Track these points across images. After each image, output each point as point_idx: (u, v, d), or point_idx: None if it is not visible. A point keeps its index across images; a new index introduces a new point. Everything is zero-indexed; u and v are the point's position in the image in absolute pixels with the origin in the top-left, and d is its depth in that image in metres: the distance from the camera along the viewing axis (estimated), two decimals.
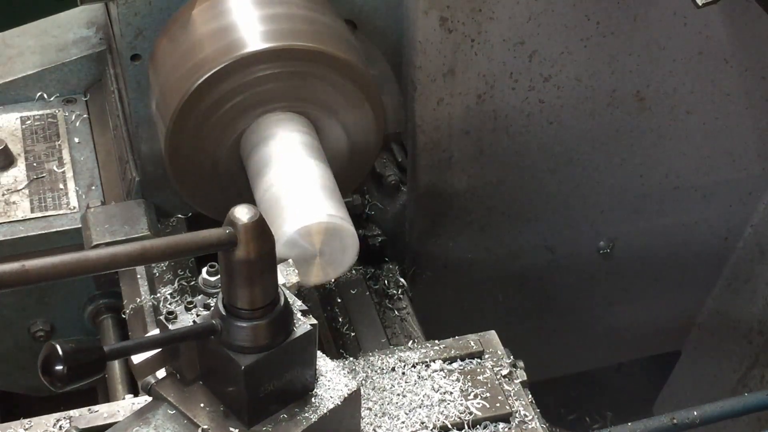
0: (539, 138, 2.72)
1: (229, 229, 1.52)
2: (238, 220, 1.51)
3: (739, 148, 2.91)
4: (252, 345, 1.58)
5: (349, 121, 2.27)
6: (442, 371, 2.01)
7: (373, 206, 2.67)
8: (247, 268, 1.53)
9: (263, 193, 2.11)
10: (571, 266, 3.08)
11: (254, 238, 1.52)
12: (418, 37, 2.47)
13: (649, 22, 2.58)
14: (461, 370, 2.01)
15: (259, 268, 1.54)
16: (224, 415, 1.64)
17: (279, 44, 2.16)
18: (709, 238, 3.13)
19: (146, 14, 2.31)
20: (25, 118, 2.66)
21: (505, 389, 1.98)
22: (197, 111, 2.16)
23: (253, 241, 1.52)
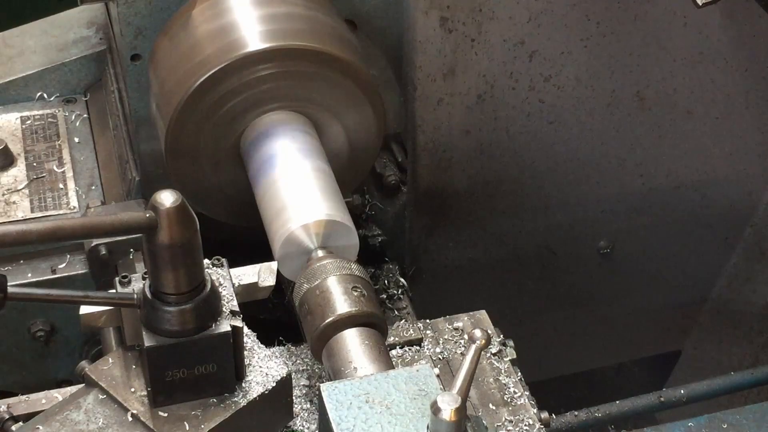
0: (539, 138, 2.72)
1: (150, 214, 1.52)
2: (160, 204, 1.52)
3: (739, 148, 2.91)
4: (161, 327, 1.60)
5: (349, 121, 2.27)
6: None
7: (373, 206, 2.67)
8: (164, 253, 1.54)
9: (264, 193, 2.11)
10: (571, 266, 3.08)
11: (175, 223, 1.52)
12: (418, 37, 2.47)
13: (649, 22, 2.58)
14: None
15: (177, 254, 1.54)
16: None
17: (279, 44, 2.15)
18: (709, 238, 3.13)
19: (146, 14, 2.31)
20: (25, 118, 2.66)
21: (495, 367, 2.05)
22: (197, 111, 2.16)
23: (174, 226, 1.52)
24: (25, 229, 1.48)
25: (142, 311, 1.62)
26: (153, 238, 1.54)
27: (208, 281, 1.63)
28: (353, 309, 1.82)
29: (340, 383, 1.63)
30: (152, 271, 1.58)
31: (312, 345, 1.85)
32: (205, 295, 1.61)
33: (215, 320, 1.63)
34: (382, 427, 1.57)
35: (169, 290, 1.59)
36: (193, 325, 1.61)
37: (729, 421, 1.87)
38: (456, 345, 2.12)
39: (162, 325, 1.60)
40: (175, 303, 1.59)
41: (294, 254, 1.98)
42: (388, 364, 1.77)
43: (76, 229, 1.53)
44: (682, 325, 3.42)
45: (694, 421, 1.88)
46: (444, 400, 1.49)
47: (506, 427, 1.95)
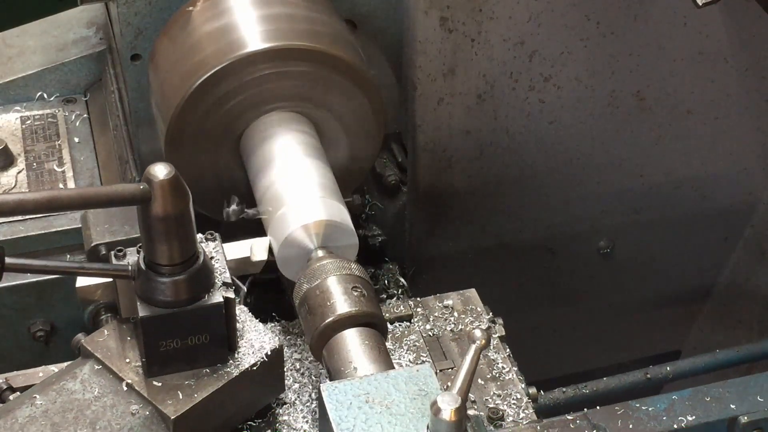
0: (539, 138, 2.72)
1: (144, 185, 1.56)
2: (154, 177, 1.56)
3: (739, 148, 2.91)
4: (156, 298, 1.64)
5: (349, 121, 2.27)
6: None
7: (373, 206, 2.67)
8: (158, 224, 1.58)
9: (264, 193, 2.11)
10: (571, 266, 3.08)
11: (169, 195, 1.57)
12: (418, 37, 2.47)
13: (649, 22, 2.58)
14: None
15: (170, 225, 1.59)
16: None
17: (279, 44, 2.16)
18: (709, 238, 3.13)
19: (146, 14, 2.31)
20: (25, 118, 2.66)
21: None
22: (197, 111, 2.16)
23: (167, 198, 1.57)
24: (23, 199, 1.52)
25: (137, 282, 1.66)
26: (147, 210, 1.58)
27: (201, 253, 1.67)
28: (353, 309, 1.82)
29: (340, 383, 1.64)
30: (146, 242, 1.62)
31: (312, 345, 1.85)
32: (198, 266, 1.65)
33: (208, 291, 1.68)
34: (382, 427, 1.57)
35: (162, 261, 1.63)
36: (186, 295, 1.65)
37: (712, 394, 1.90)
38: (446, 322, 2.15)
39: (156, 296, 1.64)
40: (168, 274, 1.63)
41: (294, 254, 1.98)
42: (388, 364, 1.77)
43: (72, 199, 1.57)
44: (682, 325, 3.42)
45: (678, 395, 1.91)
46: (444, 400, 1.49)
47: (495, 401, 1.99)
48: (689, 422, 1.86)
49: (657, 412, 1.87)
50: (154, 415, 1.69)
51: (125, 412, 1.68)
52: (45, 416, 1.68)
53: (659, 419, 1.87)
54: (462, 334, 2.13)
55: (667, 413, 1.87)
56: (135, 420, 1.68)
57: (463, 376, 1.57)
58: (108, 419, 1.68)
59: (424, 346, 2.10)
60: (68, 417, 1.68)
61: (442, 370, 2.05)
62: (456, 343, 2.11)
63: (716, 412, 1.88)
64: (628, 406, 1.88)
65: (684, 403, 1.89)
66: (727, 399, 1.89)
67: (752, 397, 1.89)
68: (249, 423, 1.85)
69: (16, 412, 1.70)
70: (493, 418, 1.95)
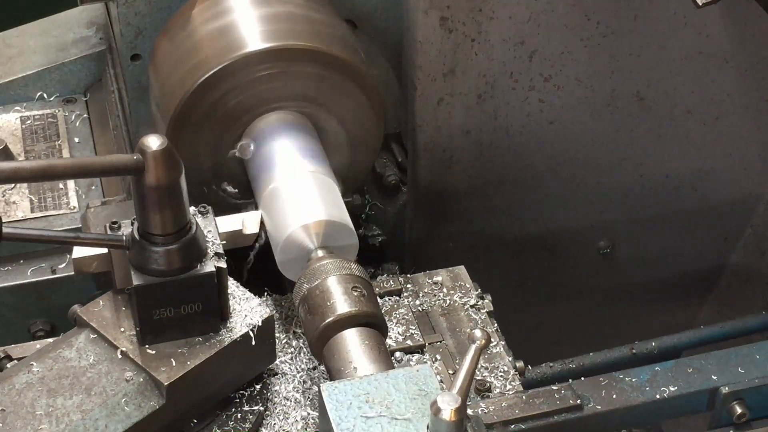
0: (539, 138, 2.72)
1: (137, 156, 1.60)
2: (147, 147, 1.60)
3: (739, 147, 2.91)
4: (147, 267, 1.68)
5: (349, 121, 2.27)
6: None
7: (373, 206, 2.67)
8: (151, 194, 1.62)
9: (264, 193, 2.11)
10: (570, 266, 3.08)
11: (161, 165, 1.60)
12: (418, 37, 2.47)
13: (649, 22, 2.58)
14: None
15: (163, 195, 1.62)
16: None
17: (279, 44, 2.16)
18: (709, 238, 3.12)
19: (146, 14, 2.31)
20: (25, 118, 2.66)
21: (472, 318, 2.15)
22: (197, 111, 2.17)
23: (160, 168, 1.60)
24: (18, 167, 1.56)
25: (131, 252, 1.69)
26: (140, 180, 1.62)
27: (193, 224, 1.70)
28: (353, 309, 1.82)
29: (340, 383, 1.64)
30: (140, 212, 1.66)
31: (312, 345, 1.85)
32: (190, 236, 1.69)
33: (200, 261, 1.72)
34: (382, 427, 1.57)
35: (156, 231, 1.67)
36: (179, 264, 1.69)
37: (694, 365, 1.95)
38: (435, 298, 2.19)
39: (150, 265, 1.68)
40: (162, 243, 1.67)
41: (294, 254, 1.98)
42: (388, 364, 1.78)
43: (67, 168, 1.62)
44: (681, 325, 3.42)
45: (661, 366, 1.95)
46: (444, 400, 1.49)
47: (482, 373, 2.02)
48: (671, 392, 1.91)
49: (640, 383, 1.92)
50: (148, 381, 1.73)
51: (120, 378, 1.73)
52: (41, 382, 1.73)
53: (642, 390, 1.91)
54: (450, 308, 2.17)
55: (650, 384, 1.92)
56: (129, 386, 1.72)
57: (463, 376, 1.57)
58: (103, 385, 1.72)
59: (413, 319, 2.13)
60: (64, 383, 1.73)
61: (431, 344, 2.09)
62: (444, 318, 2.15)
63: (698, 382, 1.92)
64: (611, 377, 1.93)
65: (666, 374, 1.94)
66: (709, 370, 1.94)
67: (733, 369, 1.94)
68: (241, 392, 1.88)
69: (13, 378, 1.75)
70: (480, 390, 1.99)
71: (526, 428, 1.86)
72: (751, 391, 1.91)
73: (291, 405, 1.91)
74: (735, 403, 1.91)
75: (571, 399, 1.88)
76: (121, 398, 1.71)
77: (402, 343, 2.08)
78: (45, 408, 1.69)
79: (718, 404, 1.91)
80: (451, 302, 2.19)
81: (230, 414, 1.84)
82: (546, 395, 1.89)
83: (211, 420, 1.83)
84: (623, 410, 1.90)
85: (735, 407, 1.91)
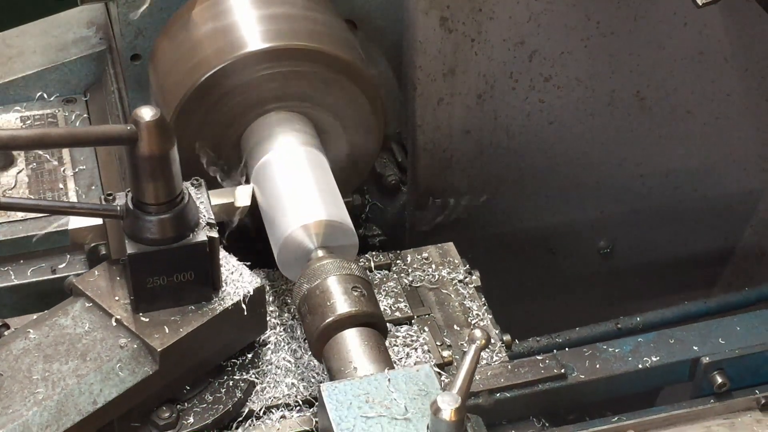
0: (539, 138, 2.72)
1: (131, 126, 1.64)
2: (140, 118, 1.64)
3: (739, 148, 2.91)
4: (141, 236, 1.72)
5: (349, 121, 2.27)
6: None
7: (373, 206, 2.67)
8: (144, 164, 1.66)
9: (264, 193, 2.11)
10: (571, 266, 3.08)
11: (154, 135, 1.64)
12: (418, 37, 2.47)
13: (649, 22, 2.58)
14: None
15: (156, 165, 1.67)
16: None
17: (279, 44, 2.16)
18: (709, 238, 3.12)
19: (146, 14, 2.31)
20: (25, 118, 2.66)
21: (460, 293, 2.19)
22: (197, 111, 2.17)
23: (153, 138, 1.64)
24: (15, 135, 1.60)
25: (125, 222, 1.73)
26: (134, 150, 1.66)
27: (186, 194, 1.75)
28: (353, 309, 1.83)
29: (340, 383, 1.64)
30: (133, 182, 1.70)
31: (312, 345, 1.85)
32: (183, 206, 1.73)
33: (193, 231, 1.76)
34: (382, 427, 1.57)
35: (149, 200, 1.71)
36: (172, 233, 1.73)
37: (676, 336, 2.01)
38: (424, 273, 2.22)
39: (143, 234, 1.72)
40: (155, 213, 1.71)
41: (294, 254, 1.98)
42: (388, 364, 1.78)
43: (62, 137, 1.66)
44: None
45: (643, 337, 2.02)
46: (444, 400, 1.49)
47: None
48: (653, 362, 1.97)
49: (623, 353, 1.99)
50: (142, 348, 1.77)
51: (114, 345, 1.77)
52: (38, 348, 1.77)
53: (625, 360, 1.98)
54: (439, 283, 2.20)
55: (633, 354, 1.99)
56: (123, 352, 1.76)
57: (463, 375, 1.57)
58: (98, 351, 1.76)
59: (402, 292, 2.16)
60: (60, 349, 1.76)
61: (419, 316, 2.12)
62: (433, 292, 2.18)
63: (679, 353, 1.98)
64: (595, 347, 2.00)
65: (648, 345, 2.00)
66: (690, 341, 2.00)
67: (714, 340, 2.00)
68: (233, 360, 1.92)
69: (10, 344, 1.79)
70: None
71: (511, 396, 1.93)
72: (732, 361, 1.96)
73: (282, 373, 1.95)
74: (716, 373, 1.96)
75: (556, 368, 1.95)
76: (116, 364, 1.75)
77: (390, 315, 2.10)
78: (41, 373, 1.73)
79: (699, 374, 1.97)
80: (439, 277, 2.22)
81: (222, 381, 1.89)
82: (531, 365, 1.95)
83: (204, 387, 1.87)
84: (606, 379, 1.96)
85: (716, 377, 1.95)
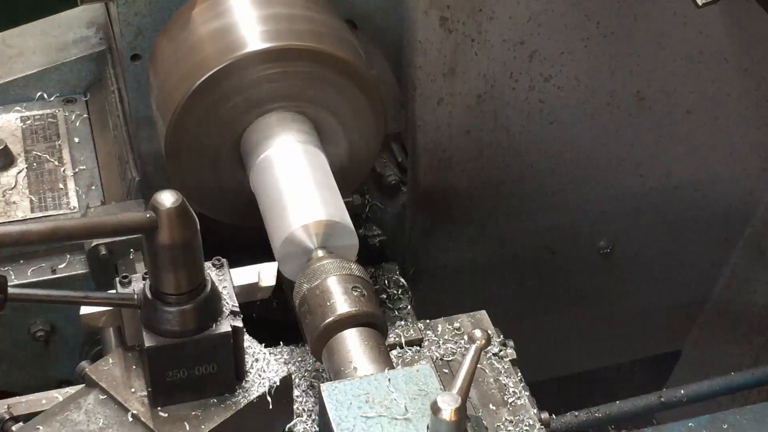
0: (539, 138, 2.72)
1: (151, 214, 1.53)
2: (160, 205, 1.53)
3: (739, 148, 2.91)
4: (162, 328, 1.60)
5: (349, 121, 2.27)
6: None
7: (373, 206, 2.67)
8: (164, 253, 1.55)
9: (264, 193, 2.11)
10: (571, 266, 3.08)
11: (176, 223, 1.53)
12: (418, 37, 2.47)
13: (649, 22, 2.58)
14: None
15: (177, 254, 1.55)
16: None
17: (279, 44, 2.16)
18: (709, 238, 3.13)
19: (146, 14, 2.31)
20: (25, 118, 2.66)
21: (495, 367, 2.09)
22: (197, 111, 2.16)
23: (174, 226, 1.53)
24: (26, 230, 1.50)
25: (143, 311, 1.62)
26: (153, 239, 1.54)
27: (208, 281, 1.63)
28: (353, 309, 1.82)
29: (340, 383, 1.64)
30: (153, 271, 1.58)
31: (312, 345, 1.85)
32: (205, 295, 1.61)
33: (216, 320, 1.63)
34: (382, 427, 1.57)
35: (169, 290, 1.59)
36: (193, 325, 1.61)
37: (729, 421, 1.88)
38: (456, 345, 2.14)
39: (162, 326, 1.60)
40: (175, 303, 1.59)
41: (294, 254, 1.98)
42: (388, 364, 1.77)
43: (76, 230, 1.54)
44: (682, 326, 3.43)
45: (695, 421, 1.89)
46: (444, 400, 1.49)
47: (506, 427, 1.97)
48: None
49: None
50: None
51: None
52: None
53: None
54: None
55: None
56: None
57: (463, 376, 1.57)
58: None
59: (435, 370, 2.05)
60: None
61: None
62: None
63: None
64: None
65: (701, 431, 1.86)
66: (745, 426, 1.86)
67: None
68: None
69: None
70: None
71: None
72: None
73: None
74: None
75: None
76: None
77: None
78: None
79: None
80: None
81: None
82: None
83: None
84: None
85: None
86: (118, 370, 1.71)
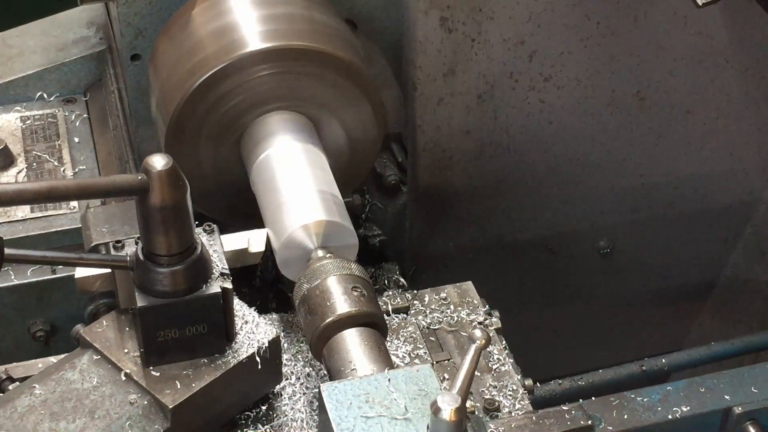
0: (539, 138, 2.72)
1: (142, 176, 1.58)
2: (152, 167, 1.57)
3: (739, 148, 2.91)
4: (154, 288, 1.65)
5: (349, 121, 2.27)
6: None
7: (373, 206, 2.67)
8: (155, 215, 1.60)
9: (264, 193, 2.11)
10: (570, 266, 3.08)
11: (166, 185, 1.58)
12: (418, 37, 2.47)
13: (649, 22, 2.58)
14: None
15: (168, 216, 1.60)
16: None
17: (279, 44, 2.16)
18: (708, 238, 3.13)
19: (146, 14, 2.31)
20: (25, 117, 2.66)
21: None
22: (197, 111, 2.17)
23: (165, 188, 1.58)
24: (22, 189, 1.54)
25: (135, 273, 1.67)
26: (145, 200, 1.59)
27: (198, 244, 1.68)
28: (353, 309, 1.82)
29: (340, 383, 1.64)
30: (144, 233, 1.64)
31: (312, 345, 1.85)
32: (195, 257, 1.66)
33: (206, 282, 1.69)
34: (382, 427, 1.57)
35: (160, 252, 1.64)
36: (184, 286, 1.67)
37: (707, 385, 1.91)
38: (442, 315, 2.17)
39: (154, 286, 1.66)
40: (166, 264, 1.65)
41: (294, 254, 1.98)
42: (388, 364, 1.78)
43: (70, 190, 1.59)
44: (682, 325, 3.42)
45: (673, 385, 1.92)
46: (444, 400, 1.49)
47: (491, 392, 2.00)
48: (684, 413, 1.87)
49: (652, 403, 1.89)
50: (152, 404, 1.71)
51: (123, 401, 1.71)
52: (44, 405, 1.70)
53: (654, 410, 1.88)
54: (458, 325, 2.14)
55: (662, 404, 1.89)
56: (133, 409, 1.70)
57: (463, 376, 1.57)
58: (106, 408, 1.70)
59: (421, 337, 2.11)
60: (67, 406, 1.70)
61: (438, 362, 2.06)
62: (452, 335, 2.13)
63: (711, 402, 1.89)
64: (623, 396, 1.89)
65: (679, 394, 1.90)
66: (722, 390, 1.90)
67: (746, 388, 1.91)
68: (247, 413, 1.87)
69: (15, 401, 1.72)
70: (489, 409, 1.97)
71: None
72: (765, 411, 1.87)
73: (297, 426, 1.88)
74: (748, 424, 1.86)
75: (582, 419, 1.84)
76: (125, 422, 1.68)
77: (410, 362, 2.06)
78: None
79: (732, 425, 1.87)
80: (458, 319, 2.15)
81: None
82: (556, 415, 1.84)
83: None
84: (635, 431, 1.86)
85: (749, 428, 1.86)
86: (112, 331, 1.76)
